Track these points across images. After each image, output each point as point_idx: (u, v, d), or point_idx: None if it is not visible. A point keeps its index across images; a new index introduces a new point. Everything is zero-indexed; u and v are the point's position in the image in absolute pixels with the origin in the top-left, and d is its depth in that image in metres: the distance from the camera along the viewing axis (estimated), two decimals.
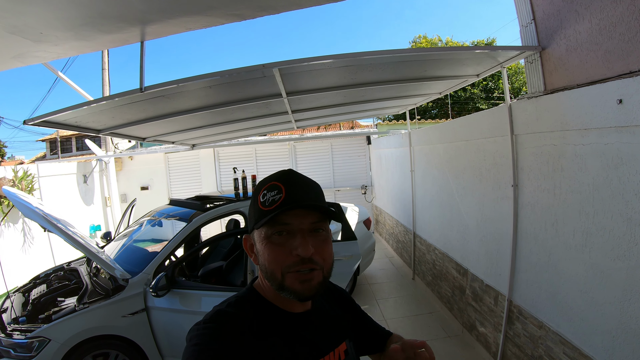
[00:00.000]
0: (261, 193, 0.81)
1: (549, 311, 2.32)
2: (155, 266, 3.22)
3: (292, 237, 0.78)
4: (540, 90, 2.30)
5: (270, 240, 0.78)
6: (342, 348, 0.91)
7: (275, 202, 0.78)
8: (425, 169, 4.77)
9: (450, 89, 3.90)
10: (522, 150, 2.60)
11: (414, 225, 5.39)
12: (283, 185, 0.80)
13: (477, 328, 3.29)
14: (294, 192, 0.79)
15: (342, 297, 1.08)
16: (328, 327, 0.92)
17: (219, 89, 2.67)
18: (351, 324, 1.02)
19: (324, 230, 0.82)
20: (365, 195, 9.15)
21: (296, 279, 0.77)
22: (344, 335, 0.95)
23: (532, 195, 2.51)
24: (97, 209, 7.90)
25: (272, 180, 0.82)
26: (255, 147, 9.49)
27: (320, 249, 0.79)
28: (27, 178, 5.81)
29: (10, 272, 5.01)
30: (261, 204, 0.80)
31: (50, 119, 2.51)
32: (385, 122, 12.60)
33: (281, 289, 0.78)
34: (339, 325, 0.96)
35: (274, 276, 0.78)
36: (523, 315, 2.57)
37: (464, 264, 3.63)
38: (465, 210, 3.60)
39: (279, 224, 0.78)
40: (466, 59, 2.48)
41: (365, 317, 1.11)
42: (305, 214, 0.79)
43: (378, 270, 6.21)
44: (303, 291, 0.77)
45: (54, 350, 2.64)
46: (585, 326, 2.02)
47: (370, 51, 2.31)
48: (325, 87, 3.17)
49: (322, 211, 0.80)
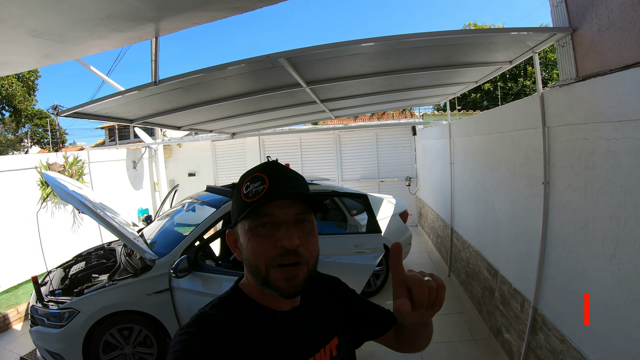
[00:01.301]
0: (244, 185, 0.79)
1: (573, 325, 2.09)
2: (181, 249, 3.38)
3: (276, 229, 0.76)
4: (572, 77, 2.03)
5: (254, 232, 0.76)
6: (333, 344, 0.88)
7: (258, 193, 0.76)
8: (464, 162, 4.50)
9: (485, 78, 3.61)
10: (554, 145, 2.34)
11: (452, 220, 5.13)
12: (267, 176, 0.78)
13: (502, 334, 3.07)
14: (277, 183, 0.77)
15: (337, 288, 1.03)
16: (318, 324, 0.89)
17: (234, 80, 2.71)
18: (346, 316, 0.97)
19: (310, 222, 0.80)
20: (410, 187, 8.85)
21: (281, 275, 0.75)
22: (336, 330, 0.92)
23: (563, 195, 2.25)
24: (145, 193, 8.47)
25: (256, 172, 0.80)
26: (300, 136, 9.53)
27: (305, 241, 0.77)
28: (77, 164, 6.34)
29: (60, 251, 5.56)
30: (244, 195, 0.78)
31: (82, 110, 2.71)
32: (432, 112, 12.04)
33: (265, 284, 0.76)
34: (330, 320, 0.92)
35: (258, 270, 0.76)
36: (547, 326, 2.34)
37: (494, 265, 3.39)
38: (498, 207, 3.34)
39: (262, 215, 0.76)
40: (490, 42, 2.26)
41: (365, 304, 1.04)
42: (290, 205, 0.77)
43: (415, 265, 6.02)
44: (288, 288, 0.75)
45: (82, 321, 2.91)
46: (607, 348, 1.79)
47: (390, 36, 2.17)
48: (350, 75, 3.07)
49: (307, 200, 0.78)
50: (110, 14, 1.84)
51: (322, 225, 5.02)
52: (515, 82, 17.09)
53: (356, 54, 2.49)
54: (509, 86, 17.07)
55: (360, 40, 2.19)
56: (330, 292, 1.00)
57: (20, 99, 19.26)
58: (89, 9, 1.75)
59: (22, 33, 1.93)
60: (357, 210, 5.17)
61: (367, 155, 9.26)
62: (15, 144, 21.63)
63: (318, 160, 9.51)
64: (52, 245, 5.70)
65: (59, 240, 5.91)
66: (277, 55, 2.18)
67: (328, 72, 2.92)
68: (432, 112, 11.97)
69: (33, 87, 20.68)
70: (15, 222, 5.34)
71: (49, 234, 5.78)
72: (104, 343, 3.08)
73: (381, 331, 1.00)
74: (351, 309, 1.00)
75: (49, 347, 2.97)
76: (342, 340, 0.91)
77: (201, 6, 1.87)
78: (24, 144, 21.87)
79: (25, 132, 22.18)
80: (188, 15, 1.98)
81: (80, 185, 4.02)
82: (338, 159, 9.37)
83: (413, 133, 8.86)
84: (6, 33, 1.92)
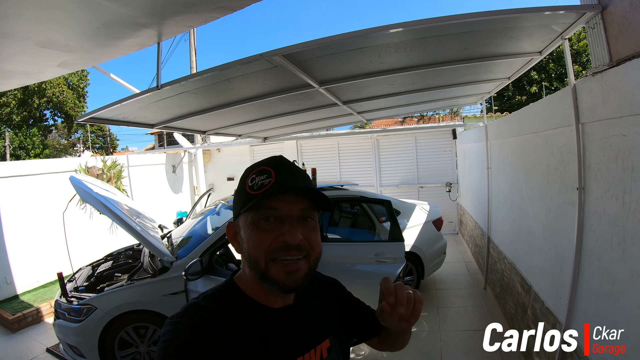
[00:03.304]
0: (249, 177, 0.79)
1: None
2: (199, 252, 3.39)
3: (279, 223, 0.75)
4: (604, 63, 1.73)
5: (257, 225, 0.75)
6: (324, 345, 0.86)
7: (264, 185, 0.75)
8: (499, 166, 4.14)
9: (517, 72, 3.26)
10: (589, 143, 2.02)
11: (489, 228, 4.74)
12: (273, 170, 0.77)
13: (532, 357, 2.71)
14: (284, 177, 0.77)
15: (334, 290, 1.01)
16: (310, 324, 0.86)
17: (239, 82, 2.64)
18: (341, 318, 0.96)
19: (313, 220, 0.79)
20: (450, 193, 8.38)
21: (282, 269, 0.74)
22: (328, 332, 0.89)
23: (599, 202, 1.93)
24: (185, 197, 8.75)
25: (262, 165, 0.80)
26: (337, 140, 9.41)
27: (308, 237, 0.77)
28: (115, 167, 6.65)
29: (97, 251, 5.80)
30: (249, 187, 0.77)
31: (97, 115, 2.78)
32: (473, 115, 11.38)
33: (264, 278, 0.75)
34: (323, 321, 0.90)
35: (257, 263, 0.75)
36: (578, 354, 2.02)
37: (528, 279, 3.03)
38: (532, 215, 3.00)
39: (266, 208, 0.75)
40: (508, 28, 1.99)
41: (360, 307, 1.05)
42: (295, 200, 0.76)
43: (451, 275, 5.65)
44: (288, 282, 0.74)
45: (99, 318, 3.00)
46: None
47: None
48: (365, 73, 2.89)
49: (314, 196, 0.77)
50: (106, 23, 1.88)
51: (342, 232, 4.87)
52: (560, 82, 15.84)
53: (366, 46, 2.30)
54: (555, 86, 15.82)
55: (376, 28, 1.93)
56: (327, 293, 0.98)
57: (71, 105, 20.60)
58: (82, 19, 1.81)
59: (31, 45, 2.03)
60: (386, 217, 4.96)
61: (406, 160, 8.94)
62: (67, 149, 23.50)
63: (356, 165, 9.32)
64: (89, 245, 6.02)
65: (96, 240, 6.24)
66: (272, 53, 2.07)
67: (339, 69, 2.76)
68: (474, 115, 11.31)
69: (83, 94, 21.99)
70: (55, 222, 5.66)
71: (87, 234, 6.12)
72: (120, 340, 3.16)
73: (372, 334, 1.03)
74: (350, 310, 1.00)
75: (69, 340, 3.11)
76: (333, 342, 0.89)
77: (188, 8, 1.84)
78: (77, 149, 23.68)
79: (78, 137, 24.00)
80: (179, 18, 1.97)
81: (108, 188, 4.18)
82: (376, 163, 9.12)
83: (453, 137, 8.41)
84: (15, 46, 2.03)
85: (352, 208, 5.44)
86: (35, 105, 19.96)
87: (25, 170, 5.68)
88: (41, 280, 5.61)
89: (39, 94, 19.68)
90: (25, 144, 20.01)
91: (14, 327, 4.43)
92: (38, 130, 20.75)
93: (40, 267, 5.59)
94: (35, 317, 4.62)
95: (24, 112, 20.08)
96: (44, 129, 21.79)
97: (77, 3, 1.60)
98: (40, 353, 3.89)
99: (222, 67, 2.17)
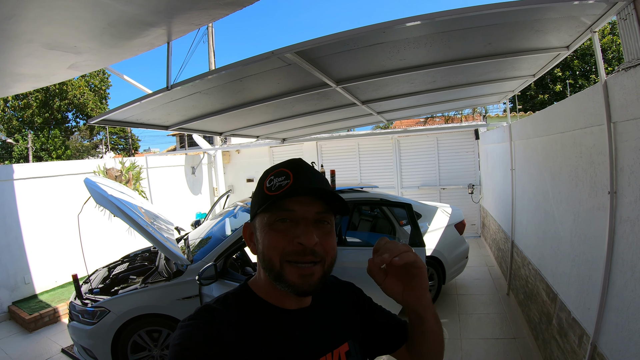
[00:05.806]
0: (268, 179, 0.79)
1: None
2: (214, 256, 3.37)
3: (295, 225, 0.75)
4: (638, 57, 1.60)
5: (272, 227, 0.76)
6: (343, 349, 0.85)
7: (282, 187, 0.76)
8: (523, 167, 3.96)
9: (542, 69, 3.10)
10: (621, 144, 1.88)
11: (513, 232, 4.55)
12: (291, 172, 0.78)
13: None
14: (301, 179, 0.77)
15: (351, 293, 0.99)
16: (328, 327, 0.86)
17: (251, 82, 2.61)
18: (359, 323, 0.94)
19: (329, 223, 0.79)
20: (472, 195, 8.16)
21: (296, 272, 0.74)
22: (347, 336, 0.88)
23: (633, 208, 1.80)
24: (204, 198, 8.82)
25: (281, 167, 0.80)
26: (358, 141, 9.33)
27: (323, 240, 0.76)
28: (133, 169, 6.74)
29: (116, 251, 5.92)
30: (267, 188, 0.78)
31: (109, 117, 2.81)
32: (496, 115, 11.02)
33: (278, 279, 0.75)
34: (341, 324, 0.89)
35: (271, 264, 0.75)
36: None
37: (554, 287, 2.88)
38: (559, 219, 2.84)
39: (283, 209, 0.75)
40: (534, 21, 1.88)
41: (382, 313, 1.00)
42: (311, 202, 0.76)
43: (473, 280, 5.48)
44: (302, 285, 0.74)
45: (112, 320, 3.02)
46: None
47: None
48: (384, 71, 2.81)
49: (330, 198, 0.77)
50: (111, 22, 1.88)
51: (361, 236, 4.78)
52: (587, 80, 15.12)
53: (384, 42, 2.21)
54: (579, 84, 15.12)
55: (393, 21, 1.82)
56: (344, 297, 0.96)
57: (92, 107, 21.02)
58: (88, 19, 1.81)
59: (39, 47, 2.05)
60: (407, 221, 4.85)
61: (427, 161, 8.78)
62: (90, 150, 24.16)
63: (377, 167, 9.21)
64: (109, 246, 6.14)
65: (115, 241, 6.36)
66: (284, 50, 2.02)
67: (357, 67, 2.69)
68: (496, 115, 10.96)
69: (105, 97, 22.40)
70: (74, 222, 5.77)
71: (106, 235, 6.25)
72: (133, 343, 3.18)
73: (397, 344, 0.97)
74: (370, 317, 0.97)
75: (82, 342, 3.15)
76: (353, 346, 0.87)
77: (194, 5, 1.82)
78: (99, 150, 24.33)
79: (100, 139, 24.64)
80: (186, 16, 1.96)
81: (124, 190, 4.23)
82: (397, 165, 8.98)
83: (476, 137, 8.17)
84: (23, 48, 2.05)
85: (372, 211, 5.35)
86: (56, 107, 20.47)
87: (45, 171, 5.81)
88: (60, 280, 5.74)
89: (60, 96, 20.23)
90: (47, 146, 20.62)
91: (31, 326, 4.53)
92: (60, 132, 21.36)
93: (59, 267, 5.71)
94: (52, 317, 4.72)
95: (45, 114, 20.62)
96: (66, 131, 22.42)
97: (80, 2, 1.60)
98: (56, 353, 3.96)
99: (231, 66, 2.13)
